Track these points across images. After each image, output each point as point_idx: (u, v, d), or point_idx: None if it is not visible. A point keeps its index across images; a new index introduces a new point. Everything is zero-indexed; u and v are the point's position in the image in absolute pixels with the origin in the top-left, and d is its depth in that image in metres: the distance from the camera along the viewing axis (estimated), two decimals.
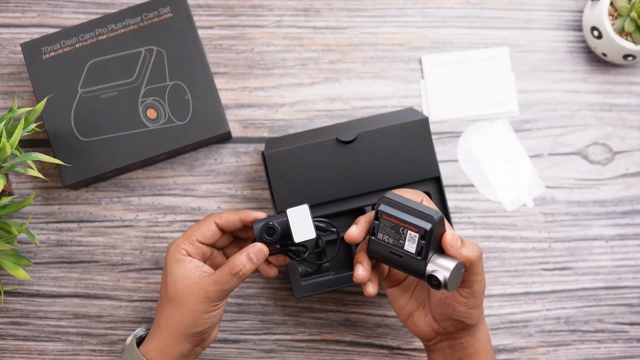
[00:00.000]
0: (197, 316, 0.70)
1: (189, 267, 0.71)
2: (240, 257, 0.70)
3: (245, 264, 0.70)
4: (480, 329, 0.72)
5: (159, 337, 0.72)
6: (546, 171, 0.89)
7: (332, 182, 0.79)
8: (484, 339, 0.73)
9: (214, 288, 0.70)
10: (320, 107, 0.89)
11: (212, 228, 0.73)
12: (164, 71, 0.83)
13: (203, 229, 0.73)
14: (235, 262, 0.70)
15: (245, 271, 0.70)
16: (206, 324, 0.71)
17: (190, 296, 0.70)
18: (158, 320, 0.72)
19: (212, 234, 0.73)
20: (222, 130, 0.83)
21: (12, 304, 0.86)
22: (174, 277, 0.71)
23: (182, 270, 0.71)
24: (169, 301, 0.71)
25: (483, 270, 0.68)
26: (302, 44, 0.90)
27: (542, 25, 0.92)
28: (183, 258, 0.72)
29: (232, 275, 0.69)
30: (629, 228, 0.89)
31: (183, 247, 0.72)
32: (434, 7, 0.91)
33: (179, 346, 0.71)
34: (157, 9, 0.84)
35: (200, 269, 0.71)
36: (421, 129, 0.80)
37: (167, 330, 0.71)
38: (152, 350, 0.72)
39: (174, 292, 0.71)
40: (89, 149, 0.83)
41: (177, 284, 0.71)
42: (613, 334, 0.88)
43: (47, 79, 0.83)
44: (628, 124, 0.91)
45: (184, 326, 0.70)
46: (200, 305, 0.70)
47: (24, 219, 0.86)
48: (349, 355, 0.86)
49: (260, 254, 0.71)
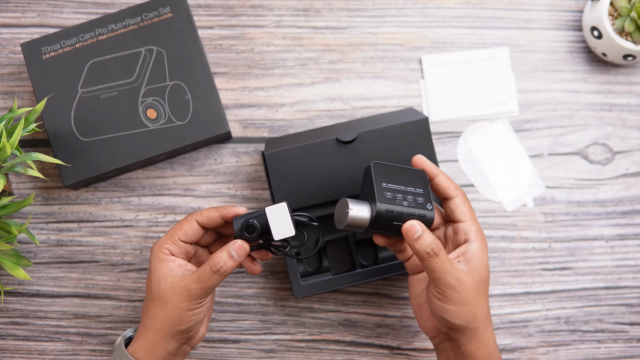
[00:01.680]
0: (181, 314, 0.70)
1: (172, 266, 0.71)
2: (221, 254, 0.70)
3: (226, 261, 0.70)
4: (480, 337, 0.70)
5: (145, 336, 0.72)
6: (546, 171, 0.89)
7: (332, 182, 0.79)
8: (485, 350, 0.71)
9: (196, 286, 0.70)
10: (320, 107, 0.89)
11: (193, 227, 0.73)
12: (164, 71, 0.83)
13: (185, 228, 0.73)
14: (216, 260, 0.70)
15: (226, 268, 0.70)
16: (190, 321, 0.71)
17: (173, 294, 0.70)
18: (144, 320, 0.73)
19: (194, 232, 0.73)
20: (222, 130, 0.83)
21: (12, 304, 0.86)
22: (157, 276, 0.71)
23: (165, 270, 0.71)
24: (153, 300, 0.72)
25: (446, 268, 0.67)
26: (302, 44, 0.90)
27: (542, 25, 0.92)
28: (166, 257, 0.72)
29: (213, 273, 0.70)
30: (629, 228, 0.89)
31: (166, 246, 0.72)
32: (434, 7, 0.91)
33: (165, 344, 0.72)
34: (157, 9, 0.84)
35: (184, 268, 0.72)
36: (421, 129, 0.80)
37: (153, 329, 0.72)
38: (139, 349, 0.72)
39: (157, 291, 0.71)
40: (89, 149, 0.83)
41: (160, 283, 0.71)
42: (613, 334, 0.88)
43: (47, 79, 0.83)
44: (628, 124, 0.91)
45: (168, 324, 0.71)
46: (184, 303, 0.70)
47: (24, 219, 0.86)
48: (349, 355, 0.86)
49: (241, 251, 0.71)
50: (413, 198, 0.70)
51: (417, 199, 0.70)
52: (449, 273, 0.68)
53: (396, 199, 0.69)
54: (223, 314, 0.86)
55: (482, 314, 0.70)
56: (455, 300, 0.68)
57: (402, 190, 0.70)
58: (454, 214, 0.71)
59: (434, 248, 0.67)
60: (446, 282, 0.68)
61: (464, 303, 0.68)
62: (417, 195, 0.70)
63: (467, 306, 0.69)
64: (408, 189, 0.70)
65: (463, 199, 0.72)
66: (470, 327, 0.70)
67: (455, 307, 0.68)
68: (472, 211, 0.72)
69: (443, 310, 0.69)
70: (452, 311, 0.68)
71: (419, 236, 0.67)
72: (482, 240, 0.71)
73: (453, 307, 0.68)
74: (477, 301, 0.69)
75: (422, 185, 0.71)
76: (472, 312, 0.69)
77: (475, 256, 0.70)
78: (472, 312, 0.69)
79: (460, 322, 0.69)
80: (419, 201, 0.70)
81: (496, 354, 0.72)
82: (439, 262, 0.67)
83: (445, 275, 0.67)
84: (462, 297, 0.68)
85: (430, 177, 0.72)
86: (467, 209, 0.71)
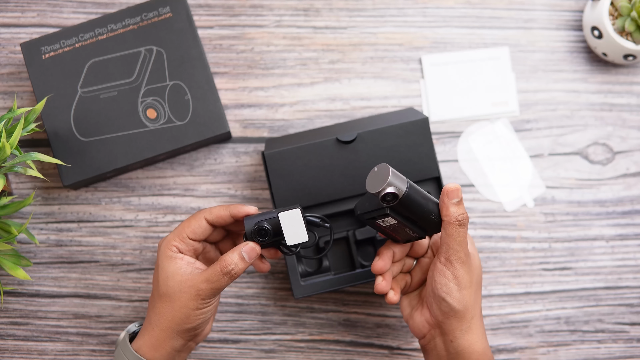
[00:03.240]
0: (188, 313, 0.70)
1: (181, 264, 0.71)
2: (232, 255, 0.70)
3: (237, 262, 0.69)
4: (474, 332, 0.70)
5: (151, 332, 0.72)
6: (546, 171, 0.89)
7: (332, 182, 0.79)
8: (478, 346, 0.71)
9: (206, 286, 0.69)
10: (320, 107, 0.89)
11: (202, 224, 0.72)
12: (164, 71, 0.83)
13: (193, 225, 0.72)
14: (227, 261, 0.69)
15: (237, 270, 0.69)
16: (198, 320, 0.71)
17: (181, 293, 0.70)
18: (150, 316, 0.72)
19: (202, 230, 0.73)
20: (222, 130, 0.83)
21: (12, 304, 0.86)
22: (165, 273, 0.71)
23: (173, 267, 0.71)
24: (160, 297, 0.71)
25: (464, 243, 0.69)
26: (302, 44, 0.90)
27: (542, 25, 0.91)
28: (174, 255, 0.71)
29: (224, 275, 0.69)
30: (629, 228, 0.89)
31: (174, 244, 0.72)
32: (434, 7, 0.91)
33: (171, 342, 0.71)
34: (157, 8, 0.84)
35: (192, 266, 0.71)
36: (421, 129, 0.80)
37: (159, 327, 0.71)
38: (145, 345, 0.72)
39: (165, 288, 0.71)
40: (89, 149, 0.83)
41: (168, 281, 0.70)
42: (613, 334, 0.88)
43: (47, 79, 0.83)
44: (628, 124, 0.91)
45: (175, 322, 0.71)
46: (192, 302, 0.70)
47: (23, 219, 0.86)
48: (349, 355, 0.86)
49: (253, 253, 0.70)
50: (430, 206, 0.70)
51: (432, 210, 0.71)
52: (464, 248, 0.69)
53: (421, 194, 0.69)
54: (223, 314, 0.86)
55: (479, 309, 0.71)
56: (461, 279, 0.69)
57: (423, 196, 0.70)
58: None
59: (465, 218, 0.68)
60: (459, 256, 0.69)
61: (467, 285, 0.69)
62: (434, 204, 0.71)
63: (469, 290, 0.70)
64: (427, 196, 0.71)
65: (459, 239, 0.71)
66: (467, 317, 0.70)
67: (459, 287, 0.69)
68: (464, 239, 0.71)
69: (446, 290, 0.69)
70: (455, 291, 0.69)
71: (458, 201, 0.69)
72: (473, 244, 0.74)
73: (457, 286, 0.69)
74: (476, 291, 0.71)
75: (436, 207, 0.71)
76: (471, 299, 0.70)
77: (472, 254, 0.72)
78: (472, 299, 0.70)
79: (460, 307, 0.69)
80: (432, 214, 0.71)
81: (489, 354, 0.72)
82: (463, 232, 0.69)
83: (461, 248, 0.69)
84: (467, 277, 0.69)
85: None
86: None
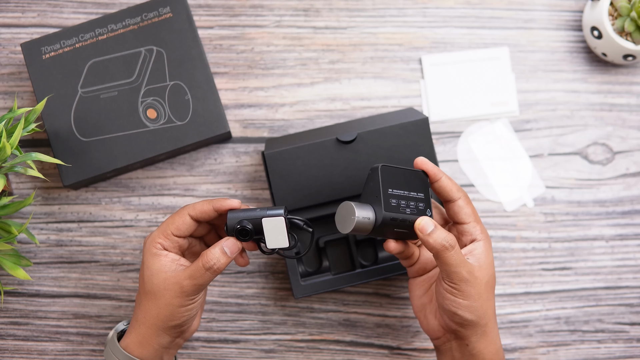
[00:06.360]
0: (173, 310, 0.70)
1: (165, 261, 0.71)
2: (214, 250, 0.70)
3: (219, 257, 0.69)
4: (489, 334, 0.71)
5: (137, 330, 0.72)
6: (546, 171, 0.89)
7: (332, 182, 0.79)
8: (492, 347, 0.71)
9: (189, 282, 0.70)
10: (320, 107, 0.89)
11: (186, 221, 0.72)
12: (164, 71, 0.83)
13: (177, 222, 0.72)
14: (209, 257, 0.69)
15: (219, 265, 0.69)
16: (183, 317, 0.71)
17: (166, 290, 0.70)
18: (137, 314, 0.73)
19: (187, 226, 0.72)
20: (222, 130, 0.83)
21: (12, 304, 0.86)
22: (150, 271, 0.71)
23: (157, 265, 0.71)
24: (146, 295, 0.71)
25: (461, 261, 0.68)
26: (302, 44, 0.90)
27: (542, 25, 0.92)
28: (159, 252, 0.71)
29: (206, 270, 0.69)
30: (629, 228, 0.89)
31: (158, 241, 0.72)
32: (434, 7, 0.91)
33: (157, 339, 0.72)
34: (157, 9, 0.84)
35: (177, 263, 0.71)
36: (421, 129, 0.80)
37: (145, 324, 0.72)
38: (132, 343, 0.72)
39: (150, 286, 0.71)
40: (89, 149, 0.83)
41: (153, 278, 0.71)
42: (613, 334, 0.88)
43: (47, 79, 0.83)
44: (628, 124, 0.91)
45: (161, 320, 0.71)
46: (176, 299, 0.70)
47: (24, 219, 0.86)
48: (349, 355, 0.86)
49: (235, 247, 0.70)
50: (415, 204, 0.70)
51: (419, 204, 0.71)
52: (464, 266, 0.68)
53: (400, 207, 0.69)
54: (223, 314, 0.86)
55: (492, 311, 0.71)
56: (469, 294, 0.68)
57: (405, 197, 0.70)
58: (457, 215, 0.72)
59: (449, 241, 0.67)
60: (461, 275, 0.68)
61: (477, 297, 0.69)
62: (419, 201, 0.71)
63: (479, 301, 0.69)
64: (411, 194, 0.71)
65: (466, 201, 0.72)
66: (482, 323, 0.70)
67: (469, 301, 0.68)
68: (476, 212, 0.72)
69: (456, 305, 0.69)
70: (466, 305, 0.68)
71: (432, 231, 0.68)
72: (488, 239, 0.72)
73: (467, 301, 0.68)
74: (488, 297, 0.70)
75: (423, 189, 0.72)
76: (483, 308, 0.69)
77: (482, 253, 0.70)
78: (484, 307, 0.70)
79: (473, 317, 0.69)
80: (420, 207, 0.71)
81: (502, 353, 0.73)
82: (455, 254, 0.68)
83: (460, 269, 0.68)
84: (475, 290, 0.68)
85: (433, 179, 0.72)
86: (471, 210, 0.72)
